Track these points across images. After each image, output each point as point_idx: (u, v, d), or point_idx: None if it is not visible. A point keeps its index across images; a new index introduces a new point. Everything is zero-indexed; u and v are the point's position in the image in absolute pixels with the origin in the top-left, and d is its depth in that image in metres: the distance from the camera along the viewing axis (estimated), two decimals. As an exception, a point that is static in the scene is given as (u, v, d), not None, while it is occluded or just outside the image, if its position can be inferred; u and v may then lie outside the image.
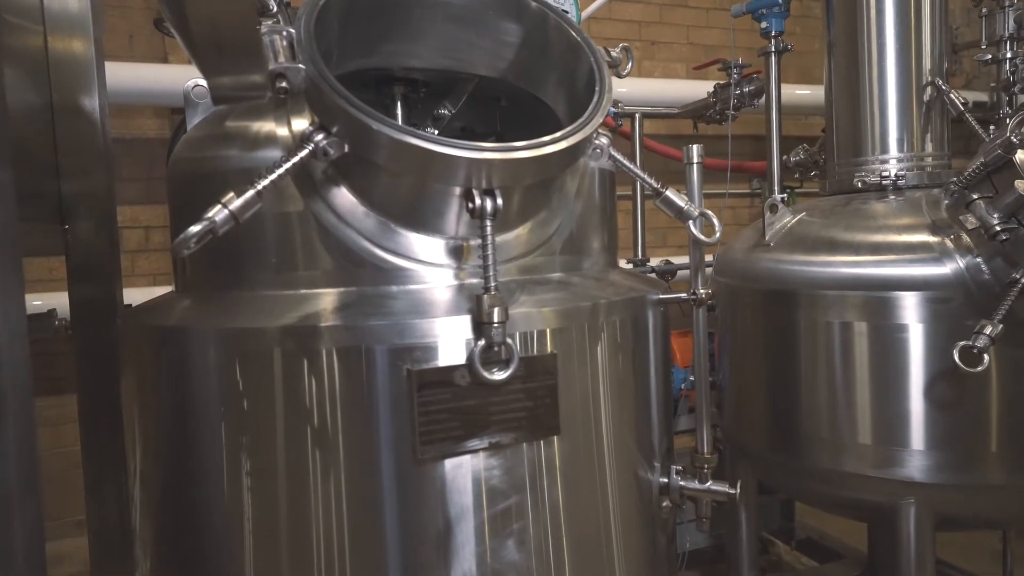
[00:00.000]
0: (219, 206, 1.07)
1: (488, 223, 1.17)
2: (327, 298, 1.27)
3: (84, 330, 1.90)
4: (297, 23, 1.20)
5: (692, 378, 2.87)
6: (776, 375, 2.31)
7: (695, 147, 1.50)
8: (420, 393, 1.17)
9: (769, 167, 2.47)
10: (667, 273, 3.15)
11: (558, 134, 1.20)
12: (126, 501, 1.77)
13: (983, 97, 3.23)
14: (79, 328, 1.90)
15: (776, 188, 2.44)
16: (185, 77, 3.63)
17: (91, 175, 1.94)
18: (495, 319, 1.16)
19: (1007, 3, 2.35)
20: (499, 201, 1.17)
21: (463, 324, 1.21)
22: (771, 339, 2.29)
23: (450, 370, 1.19)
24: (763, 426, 2.40)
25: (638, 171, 1.35)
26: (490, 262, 1.17)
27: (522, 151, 1.16)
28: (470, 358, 1.18)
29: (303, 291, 1.29)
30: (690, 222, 1.37)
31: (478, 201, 1.16)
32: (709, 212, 1.37)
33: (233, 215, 1.07)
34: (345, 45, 1.39)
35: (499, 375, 1.18)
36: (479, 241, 1.25)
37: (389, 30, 1.46)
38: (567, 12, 1.91)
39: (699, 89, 4.36)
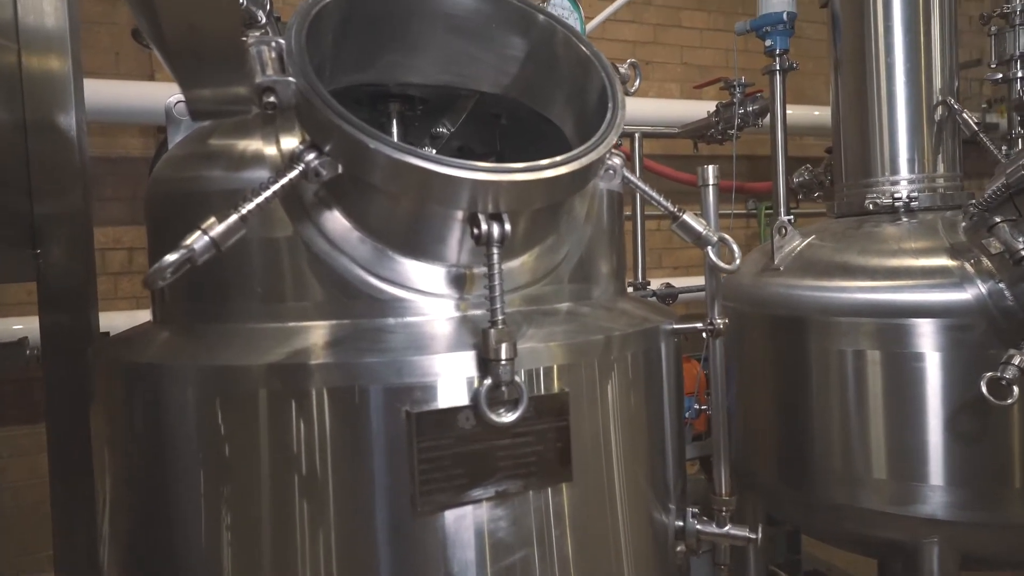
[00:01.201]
0: (198, 232, 0.96)
1: (495, 250, 1.07)
2: (318, 332, 1.16)
3: (55, 360, 1.78)
4: (287, 33, 1.11)
5: (696, 406, 2.78)
6: (786, 405, 2.21)
7: (710, 168, 1.42)
8: (420, 438, 1.06)
9: (775, 188, 2.40)
10: (668, 297, 3.06)
11: (570, 154, 1.11)
12: (96, 542, 1.65)
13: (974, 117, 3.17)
14: (50, 358, 1.78)
15: (783, 209, 2.36)
16: (171, 93, 3.53)
17: (66, 196, 1.83)
18: (503, 356, 1.06)
19: (1017, 21, 2.30)
20: (507, 227, 1.07)
21: (467, 361, 1.11)
22: (781, 367, 2.20)
23: (453, 412, 1.08)
24: (773, 458, 2.30)
25: (654, 194, 1.26)
26: (497, 293, 1.07)
27: (532, 172, 1.06)
28: (475, 398, 1.08)
29: (292, 324, 1.18)
30: (708, 248, 1.28)
31: (484, 227, 1.06)
32: (728, 238, 1.28)
33: (214, 242, 0.96)
34: (339, 58, 1.30)
35: (507, 417, 1.07)
36: (483, 269, 1.15)
37: (386, 43, 1.36)
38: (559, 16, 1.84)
39: (695, 109, 4.32)
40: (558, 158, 1.09)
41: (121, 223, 3.85)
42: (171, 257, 0.93)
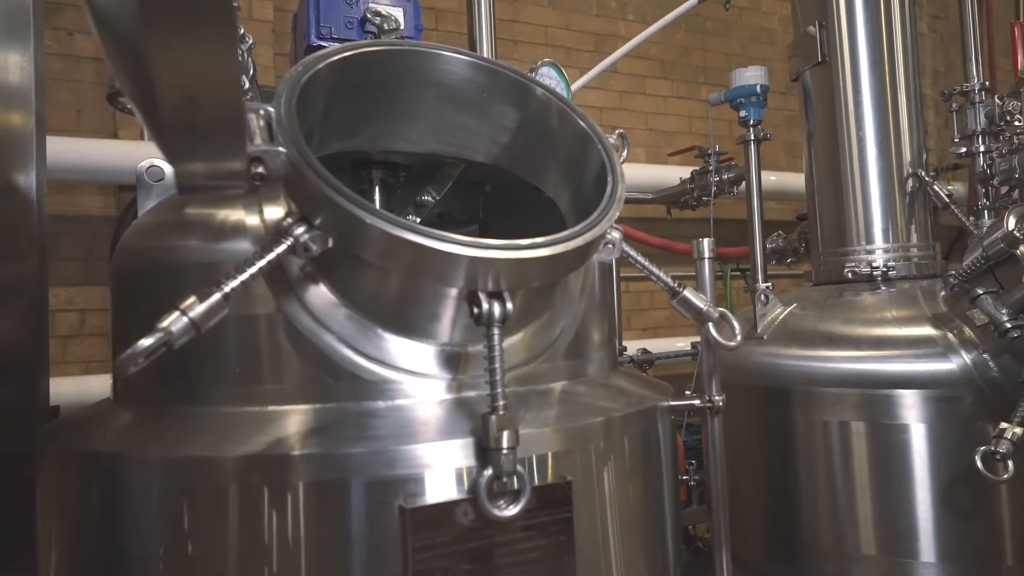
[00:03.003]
0: (176, 313, 0.88)
1: (496, 330, 1.01)
2: (300, 417, 1.07)
3: (-1, 440, 1.62)
4: (277, 100, 1.05)
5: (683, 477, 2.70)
6: (773, 478, 2.16)
7: (705, 241, 1.39)
8: (416, 536, 0.97)
9: (752, 255, 2.41)
10: (645, 363, 3.02)
11: (574, 230, 1.06)
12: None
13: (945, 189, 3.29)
14: (-8, 438, 1.62)
15: (761, 276, 2.37)
16: (135, 153, 3.43)
17: (22, 260, 1.71)
18: (504, 444, 0.98)
19: (976, 99, 2.39)
20: (509, 305, 1.01)
21: (463, 449, 1.03)
22: (767, 439, 2.16)
23: (451, 506, 0.99)
24: (760, 533, 2.23)
25: (653, 268, 1.22)
26: (498, 376, 1.00)
27: (535, 249, 1.01)
28: (474, 490, 0.99)
29: (271, 408, 1.09)
30: (709, 325, 1.24)
31: (485, 306, 1.00)
32: (729, 314, 1.24)
33: (194, 324, 0.88)
34: (327, 125, 1.25)
35: (509, 510, 0.99)
36: (477, 348, 1.09)
37: (377, 111, 1.32)
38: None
39: (661, 173, 4.40)
40: (560, 234, 1.05)
41: (74, 284, 3.68)
42: (146, 342, 0.84)
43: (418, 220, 1.63)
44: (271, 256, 0.97)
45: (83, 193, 3.69)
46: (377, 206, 1.56)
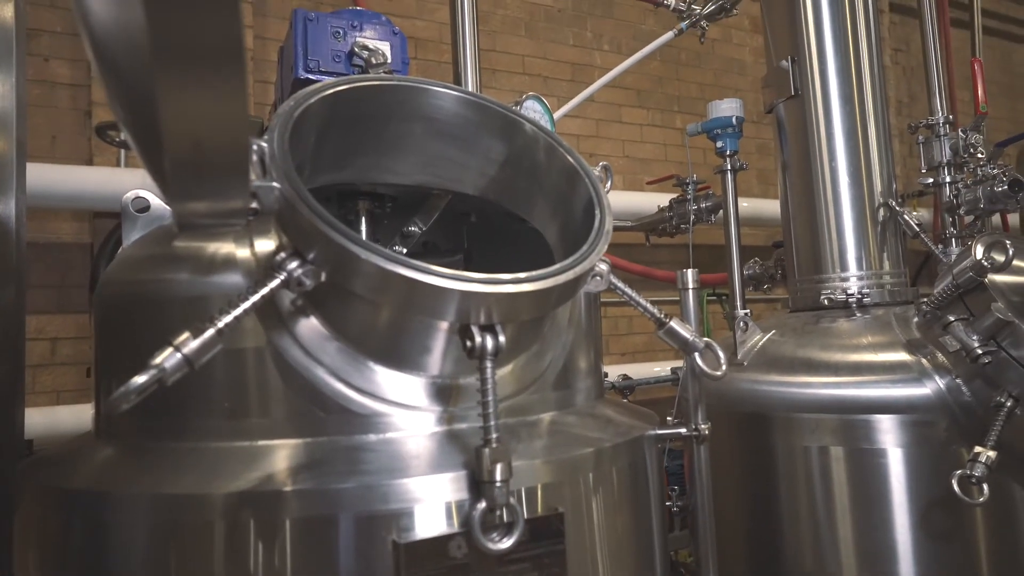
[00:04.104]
0: (170, 349, 0.87)
1: (489, 363, 1.02)
2: (290, 451, 1.07)
3: (-29, 477, 1.57)
4: (270, 135, 1.06)
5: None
6: (756, 503, 2.18)
7: (689, 272, 1.42)
8: (409, 571, 0.96)
9: (731, 282, 2.45)
10: (626, 389, 3.04)
11: (563, 264, 1.08)
12: None
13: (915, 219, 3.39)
14: (-36, 475, 1.58)
15: (740, 303, 2.41)
16: (111, 180, 3.38)
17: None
18: (498, 477, 0.99)
19: (941, 132, 2.48)
20: (501, 339, 1.02)
21: (455, 482, 1.03)
22: (749, 464, 2.18)
23: (444, 540, 0.99)
24: (743, 557, 2.24)
25: (641, 300, 1.24)
26: (491, 409, 1.01)
27: (526, 283, 1.03)
28: (467, 523, 0.99)
29: (261, 442, 1.08)
30: (696, 355, 1.26)
31: (478, 339, 1.01)
32: (714, 344, 1.27)
33: (188, 360, 0.87)
34: (318, 158, 1.26)
35: (503, 543, 0.99)
36: (468, 380, 1.10)
37: (366, 143, 1.34)
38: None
39: (639, 200, 4.47)
40: (551, 268, 1.06)
41: (45, 312, 3.60)
42: (140, 379, 0.84)
43: (404, 251, 1.64)
44: (265, 291, 0.97)
45: (56, 219, 3.63)
46: (364, 237, 1.58)
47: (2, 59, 1.73)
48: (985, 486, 1.64)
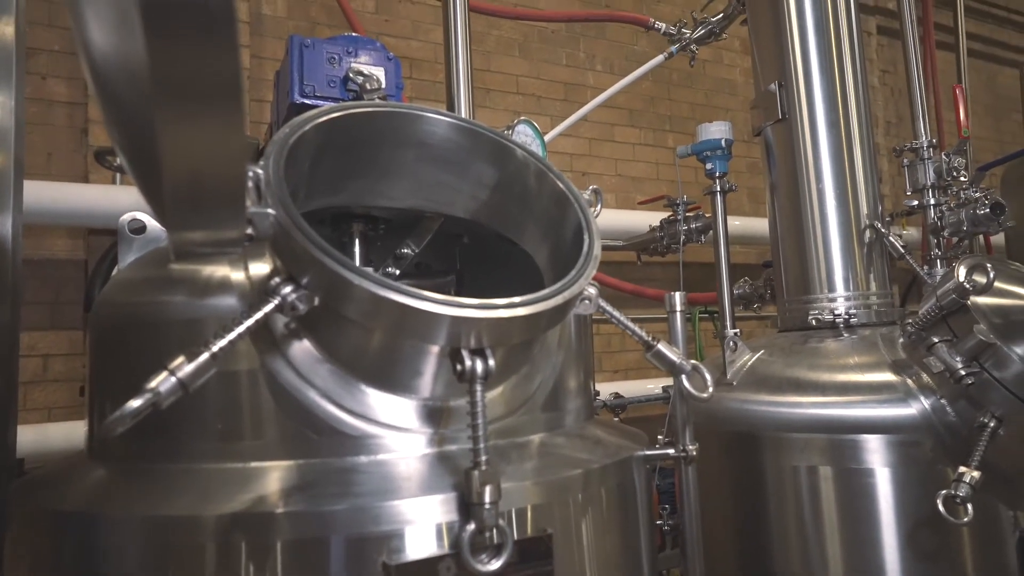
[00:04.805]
0: (165, 374, 0.89)
1: (479, 387, 1.04)
2: (283, 473, 1.08)
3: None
4: (265, 162, 1.09)
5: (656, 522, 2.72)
6: (746, 521, 2.19)
7: (677, 295, 1.45)
8: (398, 593, 0.97)
9: (720, 302, 2.48)
10: (618, 407, 3.06)
11: (552, 289, 1.10)
12: None
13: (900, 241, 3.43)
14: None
15: (729, 323, 2.44)
16: (106, 197, 3.40)
17: (-8, 310, 1.69)
18: (487, 499, 1.00)
19: (925, 156, 2.53)
20: (491, 362, 1.04)
21: (445, 504, 1.05)
22: (739, 484, 2.19)
23: (434, 562, 1.00)
24: (734, 576, 2.25)
25: (629, 323, 1.27)
26: (481, 432, 1.03)
27: (514, 308, 1.05)
28: (457, 545, 1.01)
29: (253, 464, 1.09)
30: (683, 376, 1.28)
31: (468, 363, 1.03)
32: (701, 366, 1.29)
33: (182, 384, 0.89)
34: (313, 182, 1.29)
35: (492, 565, 1.01)
36: (459, 403, 1.12)
37: (359, 168, 1.36)
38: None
39: (631, 218, 4.51)
40: (540, 293, 1.09)
41: (38, 328, 3.60)
42: (135, 403, 0.85)
43: (397, 272, 1.66)
44: (259, 315, 0.99)
45: (51, 236, 3.64)
46: (357, 259, 1.61)
47: (3, 75, 1.75)
48: (970, 506, 1.66)
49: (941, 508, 1.67)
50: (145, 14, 0.61)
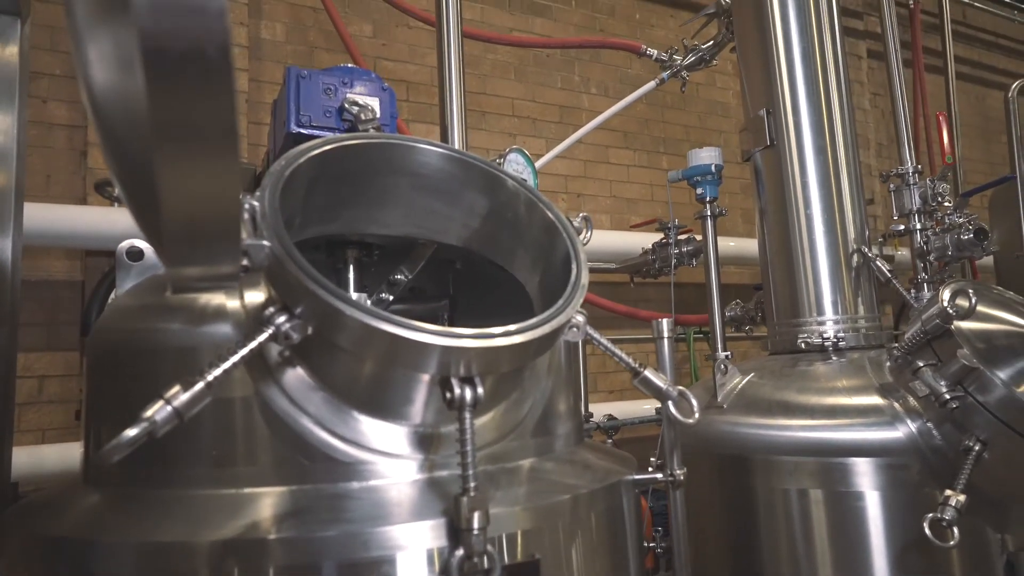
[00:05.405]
0: (160, 402, 0.91)
1: (467, 414, 1.06)
2: (275, 499, 1.10)
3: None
4: (261, 194, 1.12)
5: (644, 543, 2.73)
6: (738, 544, 2.21)
7: (664, 322, 1.48)
8: (387, 619, 0.99)
9: (712, 325, 2.51)
10: (611, 429, 3.08)
11: (540, 318, 1.13)
12: None
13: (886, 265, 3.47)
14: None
15: (720, 346, 2.47)
16: (104, 219, 3.42)
17: (-8, 331, 1.71)
18: (475, 525, 1.02)
19: (911, 181, 2.58)
20: (480, 390, 1.07)
21: (435, 530, 1.06)
22: (731, 506, 2.21)
23: (423, 588, 1.02)
24: (726, 600, 2.26)
25: (616, 350, 1.29)
26: (469, 459, 1.05)
27: (503, 338, 1.08)
28: (446, 570, 1.02)
29: (247, 490, 1.11)
30: (669, 402, 1.30)
31: (457, 391, 1.06)
32: (688, 392, 1.32)
33: (178, 413, 0.91)
34: (308, 211, 1.32)
35: (479, 591, 1.02)
36: (449, 429, 1.14)
37: (354, 197, 1.40)
38: (526, 180, 1.94)
39: (625, 239, 4.55)
40: (528, 322, 1.11)
41: (35, 349, 3.61)
42: (131, 432, 0.88)
43: (391, 298, 1.69)
44: (253, 345, 1.01)
45: (48, 257, 3.67)
46: (352, 284, 1.63)
47: (6, 98, 1.79)
48: (956, 529, 1.68)
49: (928, 531, 1.69)
50: (146, 59, 0.64)
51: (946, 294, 1.84)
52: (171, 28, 0.63)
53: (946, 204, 2.49)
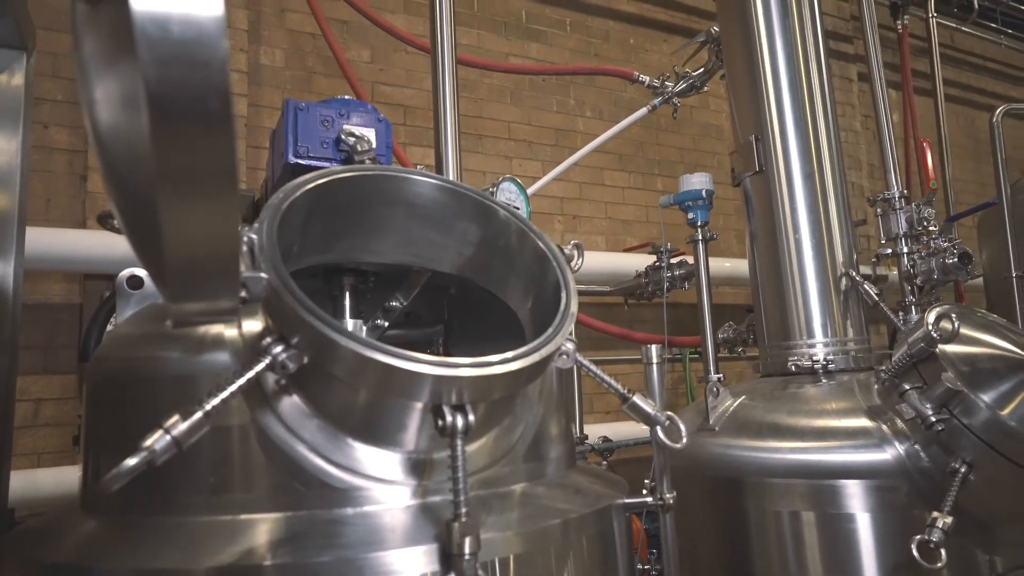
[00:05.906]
0: (160, 432, 0.94)
1: (459, 441, 1.09)
2: (271, 526, 1.12)
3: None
4: (259, 227, 1.15)
5: (639, 566, 2.73)
6: (731, 565, 2.22)
7: (654, 348, 1.51)
8: (380, 645, 1.01)
9: (704, 347, 2.55)
10: (606, 451, 3.09)
11: (530, 347, 1.16)
12: None
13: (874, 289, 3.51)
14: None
15: (713, 368, 2.50)
16: (104, 243, 3.45)
17: (-7, 356, 1.73)
18: (467, 550, 1.05)
19: (897, 206, 2.63)
20: (471, 417, 1.10)
21: (428, 555, 1.09)
22: (723, 528, 2.23)
23: (415, 613, 1.04)
24: (719, 623, 2.27)
25: (606, 377, 1.32)
26: (461, 485, 1.07)
27: (494, 367, 1.11)
28: (438, 596, 1.05)
29: (243, 516, 1.13)
30: (658, 428, 1.33)
31: (449, 418, 1.08)
32: (676, 417, 1.34)
33: (176, 442, 0.94)
34: (305, 241, 1.35)
35: (471, 616, 1.04)
36: (442, 455, 1.17)
37: (349, 227, 1.43)
38: (518, 208, 1.98)
39: (620, 260, 4.60)
40: (518, 351, 1.14)
41: (31, 372, 3.62)
42: (131, 462, 0.90)
43: (387, 324, 1.72)
44: (251, 374, 1.04)
45: (47, 280, 3.69)
46: (348, 311, 1.67)
47: (11, 123, 1.83)
48: (943, 551, 1.70)
49: (916, 553, 1.71)
50: (151, 107, 0.68)
51: (931, 317, 1.88)
52: (176, 79, 0.66)
53: (931, 228, 2.54)
